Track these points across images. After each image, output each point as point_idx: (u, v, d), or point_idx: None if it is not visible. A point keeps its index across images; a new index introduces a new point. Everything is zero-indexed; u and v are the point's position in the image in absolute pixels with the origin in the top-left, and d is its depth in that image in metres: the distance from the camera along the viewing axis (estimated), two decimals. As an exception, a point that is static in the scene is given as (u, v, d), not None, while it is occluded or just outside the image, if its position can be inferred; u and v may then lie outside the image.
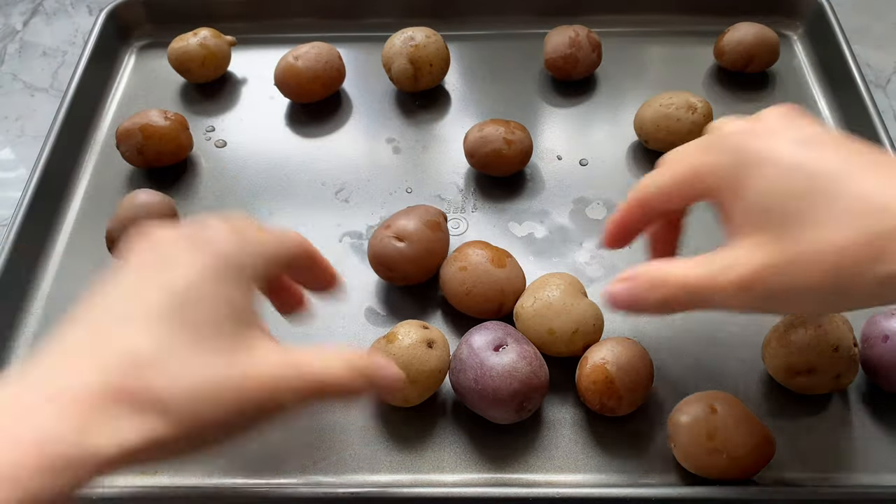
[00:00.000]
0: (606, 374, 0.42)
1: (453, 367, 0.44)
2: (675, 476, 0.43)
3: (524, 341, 0.44)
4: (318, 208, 0.57)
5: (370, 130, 0.62)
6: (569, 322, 0.44)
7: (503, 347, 0.43)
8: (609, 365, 0.42)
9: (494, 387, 0.41)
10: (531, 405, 0.43)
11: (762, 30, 0.62)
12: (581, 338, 0.45)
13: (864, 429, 0.44)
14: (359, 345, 0.49)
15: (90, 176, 0.60)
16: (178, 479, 0.43)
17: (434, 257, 0.49)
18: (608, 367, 0.42)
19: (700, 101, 0.56)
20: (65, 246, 0.55)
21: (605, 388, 0.42)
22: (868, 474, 0.43)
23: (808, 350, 0.42)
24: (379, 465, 0.44)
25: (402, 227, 0.48)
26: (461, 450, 0.44)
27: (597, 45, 0.62)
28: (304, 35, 0.66)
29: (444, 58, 0.62)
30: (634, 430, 0.44)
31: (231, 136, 0.62)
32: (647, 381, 0.43)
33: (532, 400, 0.42)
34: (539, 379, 0.42)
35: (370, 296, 0.51)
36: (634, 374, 0.42)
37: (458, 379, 0.43)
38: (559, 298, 0.45)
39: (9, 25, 0.76)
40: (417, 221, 0.49)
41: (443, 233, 0.50)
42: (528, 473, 0.43)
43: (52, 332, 0.29)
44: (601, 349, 0.43)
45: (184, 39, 0.63)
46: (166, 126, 0.57)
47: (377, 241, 0.49)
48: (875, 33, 0.72)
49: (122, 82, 0.67)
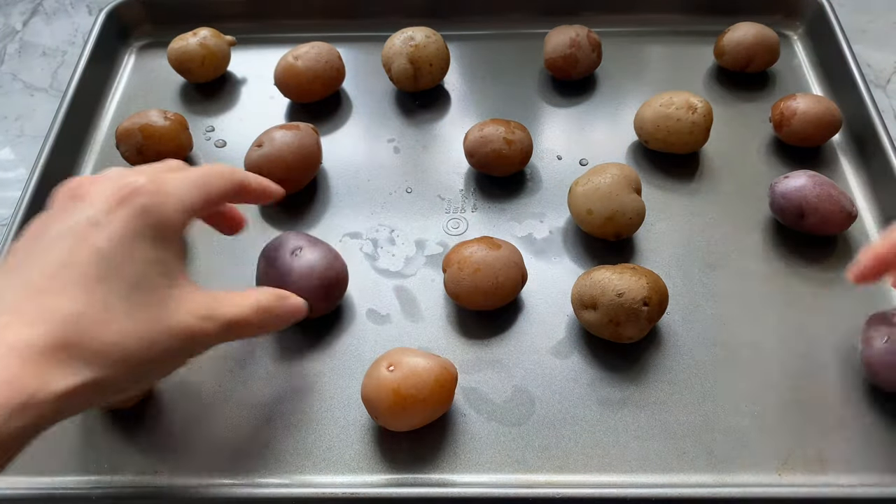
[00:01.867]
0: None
1: (259, 282, 0.48)
2: (677, 475, 0.43)
3: (318, 243, 0.48)
4: (318, 208, 0.57)
5: (370, 130, 0.62)
6: (607, 208, 0.49)
7: (298, 251, 0.47)
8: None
9: (296, 287, 0.45)
10: (335, 295, 0.48)
11: (762, 30, 0.62)
12: (614, 225, 0.50)
13: (864, 429, 0.44)
14: (359, 344, 0.49)
15: (90, 176, 0.60)
16: (178, 479, 0.43)
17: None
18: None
19: (700, 101, 0.56)
20: (65, 246, 0.55)
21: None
22: (869, 474, 0.43)
23: (595, 287, 0.46)
24: (379, 465, 0.44)
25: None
26: (461, 450, 0.44)
27: (597, 45, 0.62)
28: (304, 35, 0.66)
29: (444, 58, 0.62)
30: (635, 430, 0.45)
31: (231, 136, 0.62)
32: None
33: (335, 291, 0.47)
34: (336, 270, 0.47)
35: (371, 296, 0.51)
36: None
37: None
38: (607, 186, 0.50)
39: (9, 25, 0.76)
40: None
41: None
42: (529, 474, 0.43)
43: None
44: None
45: (184, 39, 0.63)
46: (166, 126, 0.57)
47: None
48: (875, 33, 0.72)
49: (122, 82, 0.67)
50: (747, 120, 0.61)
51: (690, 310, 0.50)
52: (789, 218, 0.51)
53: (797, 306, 0.50)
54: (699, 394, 0.46)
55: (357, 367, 0.47)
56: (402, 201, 0.57)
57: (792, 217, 0.51)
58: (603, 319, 0.45)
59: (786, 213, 0.51)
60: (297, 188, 0.56)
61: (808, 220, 0.51)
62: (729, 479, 0.42)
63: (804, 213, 0.50)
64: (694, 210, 0.55)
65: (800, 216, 0.51)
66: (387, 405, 0.42)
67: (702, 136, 0.56)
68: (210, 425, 0.45)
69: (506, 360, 0.48)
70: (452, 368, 0.44)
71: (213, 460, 0.44)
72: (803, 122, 0.56)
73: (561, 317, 0.50)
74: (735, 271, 0.52)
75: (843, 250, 0.52)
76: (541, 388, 0.46)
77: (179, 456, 0.44)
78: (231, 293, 0.37)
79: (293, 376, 0.47)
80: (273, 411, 0.46)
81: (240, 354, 0.48)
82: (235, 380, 0.47)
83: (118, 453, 0.44)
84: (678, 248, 0.53)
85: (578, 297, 0.47)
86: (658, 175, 0.58)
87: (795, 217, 0.51)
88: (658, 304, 0.46)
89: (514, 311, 0.50)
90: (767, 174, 0.57)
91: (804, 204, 0.50)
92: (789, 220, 0.52)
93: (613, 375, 0.47)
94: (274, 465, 0.44)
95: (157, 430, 0.45)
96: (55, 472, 0.44)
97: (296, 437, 0.45)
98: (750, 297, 0.50)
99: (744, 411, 0.45)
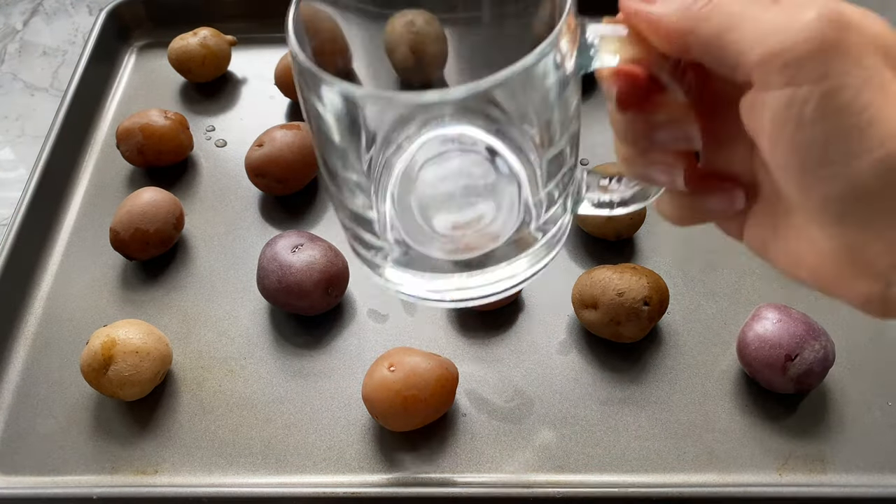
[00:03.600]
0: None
1: (259, 277, 0.48)
2: (677, 475, 0.43)
3: (318, 240, 0.49)
4: (318, 208, 0.57)
5: (370, 130, 0.62)
6: None
7: (299, 247, 0.47)
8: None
9: (297, 281, 0.46)
10: (336, 290, 0.48)
11: (762, 30, 0.62)
12: (614, 225, 0.51)
13: (865, 428, 0.44)
14: (360, 344, 0.49)
15: (90, 175, 0.59)
16: (178, 479, 0.43)
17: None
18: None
19: (700, 101, 0.56)
20: (65, 246, 0.55)
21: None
22: (869, 474, 0.43)
23: (596, 286, 0.46)
24: (380, 464, 0.44)
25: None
26: (461, 449, 0.44)
27: (597, 45, 0.62)
28: (305, 35, 0.66)
29: (443, 52, 0.61)
30: (635, 430, 0.45)
31: (231, 136, 0.62)
32: None
33: (336, 286, 0.48)
34: (337, 266, 0.48)
35: (371, 296, 0.51)
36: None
37: (264, 285, 0.48)
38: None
39: (9, 25, 0.76)
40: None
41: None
42: (530, 473, 0.43)
43: None
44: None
45: (184, 39, 0.63)
46: (166, 125, 0.57)
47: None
48: (875, 33, 0.72)
49: (122, 82, 0.67)
50: (747, 120, 0.61)
51: (690, 310, 0.50)
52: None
53: (797, 306, 0.49)
54: (699, 394, 0.46)
55: (358, 367, 0.47)
56: (403, 201, 0.57)
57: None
58: (603, 319, 0.45)
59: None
60: (298, 188, 0.56)
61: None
62: (729, 479, 0.42)
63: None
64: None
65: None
66: (388, 405, 0.42)
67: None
68: (210, 425, 0.45)
69: (506, 359, 0.48)
70: (453, 368, 0.44)
71: (213, 460, 0.44)
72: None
73: (561, 317, 0.50)
74: (735, 271, 0.52)
75: (844, 250, 0.52)
76: (541, 387, 0.46)
77: (179, 456, 0.44)
78: None
79: (293, 376, 0.47)
80: (273, 411, 0.46)
81: (240, 354, 0.48)
82: (235, 380, 0.47)
83: (118, 453, 0.44)
84: (678, 248, 0.53)
85: (579, 297, 0.47)
86: (658, 175, 0.58)
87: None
88: (658, 304, 0.46)
89: (514, 311, 0.50)
90: (768, 174, 0.57)
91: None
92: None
93: (613, 375, 0.47)
94: (274, 465, 0.44)
95: (158, 431, 0.45)
96: (56, 472, 0.44)
97: (296, 437, 0.45)
98: (750, 296, 0.50)
99: (744, 411, 0.45)
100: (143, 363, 0.44)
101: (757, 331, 0.44)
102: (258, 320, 0.50)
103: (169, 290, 0.52)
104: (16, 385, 0.48)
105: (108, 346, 0.44)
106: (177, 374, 0.48)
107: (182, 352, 0.49)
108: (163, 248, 0.52)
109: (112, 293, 0.52)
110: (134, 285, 0.52)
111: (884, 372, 0.46)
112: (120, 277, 0.53)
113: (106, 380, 0.44)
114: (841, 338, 0.48)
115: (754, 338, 0.44)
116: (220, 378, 0.47)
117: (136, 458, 0.44)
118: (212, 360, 0.48)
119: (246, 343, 0.49)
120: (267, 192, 0.56)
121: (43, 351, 0.49)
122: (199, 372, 0.48)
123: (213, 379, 0.47)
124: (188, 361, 0.48)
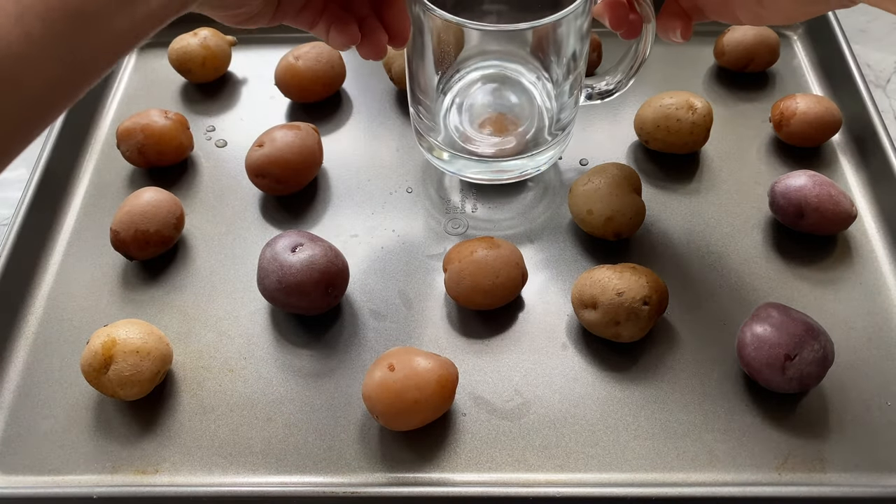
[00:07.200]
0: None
1: (259, 277, 0.48)
2: (677, 474, 0.43)
3: (318, 240, 0.48)
4: (318, 208, 0.57)
5: (370, 130, 0.62)
6: (607, 208, 0.49)
7: (299, 247, 0.47)
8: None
9: (297, 281, 0.46)
10: (336, 290, 0.48)
11: (762, 30, 0.62)
12: (614, 225, 0.50)
13: (865, 428, 0.44)
14: (360, 344, 0.49)
15: (90, 176, 0.60)
16: (178, 479, 0.43)
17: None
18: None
19: (700, 102, 0.56)
20: (65, 246, 0.55)
21: None
22: (869, 474, 0.43)
23: (595, 286, 0.46)
24: (380, 464, 0.44)
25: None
26: (461, 449, 0.44)
27: (597, 45, 0.62)
28: (305, 35, 0.65)
29: None
30: (635, 430, 0.45)
31: (232, 136, 0.62)
32: None
33: (336, 286, 0.47)
34: (337, 266, 0.47)
35: (371, 296, 0.51)
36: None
37: (264, 285, 0.47)
38: (607, 186, 0.50)
39: (9, 25, 0.76)
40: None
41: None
42: (530, 473, 0.43)
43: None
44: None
45: (184, 39, 0.63)
46: (167, 125, 0.57)
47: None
48: (875, 33, 0.72)
49: (122, 82, 0.67)
50: (747, 120, 0.61)
51: (690, 310, 0.50)
52: (789, 218, 0.51)
53: (797, 306, 0.50)
54: (698, 393, 0.46)
55: (357, 367, 0.47)
56: (403, 201, 0.57)
57: (791, 217, 0.51)
58: (603, 319, 0.45)
59: (785, 213, 0.51)
60: (298, 188, 0.56)
61: (807, 219, 0.51)
62: (729, 479, 0.42)
63: (804, 212, 0.50)
64: (694, 210, 0.55)
65: (799, 216, 0.51)
66: (387, 405, 0.42)
67: (702, 137, 0.56)
68: (210, 425, 0.45)
69: (506, 359, 0.48)
70: (453, 368, 0.44)
71: (213, 460, 0.44)
72: (803, 122, 0.56)
73: (561, 316, 0.50)
74: (735, 271, 0.52)
75: (843, 250, 0.52)
76: (541, 387, 0.46)
77: (179, 455, 0.44)
78: None
79: (293, 376, 0.47)
80: (273, 411, 0.46)
81: (240, 354, 0.48)
82: (235, 379, 0.47)
83: (118, 453, 0.44)
84: (678, 248, 0.53)
85: (578, 297, 0.47)
86: (658, 175, 0.58)
87: (795, 217, 0.51)
88: (658, 304, 0.46)
89: (514, 310, 0.50)
90: (767, 174, 0.57)
91: (804, 204, 0.50)
92: (789, 220, 0.52)
93: (613, 375, 0.47)
94: (274, 465, 0.44)
95: (158, 430, 0.45)
96: (56, 472, 0.44)
97: (296, 436, 0.45)
98: (749, 296, 0.50)
99: (744, 411, 0.45)
100: (144, 363, 0.44)
101: (756, 331, 0.44)
102: (258, 320, 0.50)
103: (169, 290, 0.52)
104: (16, 385, 0.48)
105: (108, 345, 0.44)
106: (177, 374, 0.48)
107: (182, 352, 0.49)
108: (163, 248, 0.52)
109: (112, 293, 0.52)
110: (134, 285, 0.52)
111: (883, 372, 0.46)
112: (120, 277, 0.53)
113: (106, 379, 0.44)
114: (840, 338, 0.48)
115: (753, 338, 0.44)
116: (220, 378, 0.47)
117: (137, 457, 0.44)
118: (212, 359, 0.48)
119: (246, 343, 0.49)
120: (267, 192, 0.56)
121: (43, 351, 0.49)
122: (199, 372, 0.48)
123: (213, 379, 0.47)
124: (188, 361, 0.48)
